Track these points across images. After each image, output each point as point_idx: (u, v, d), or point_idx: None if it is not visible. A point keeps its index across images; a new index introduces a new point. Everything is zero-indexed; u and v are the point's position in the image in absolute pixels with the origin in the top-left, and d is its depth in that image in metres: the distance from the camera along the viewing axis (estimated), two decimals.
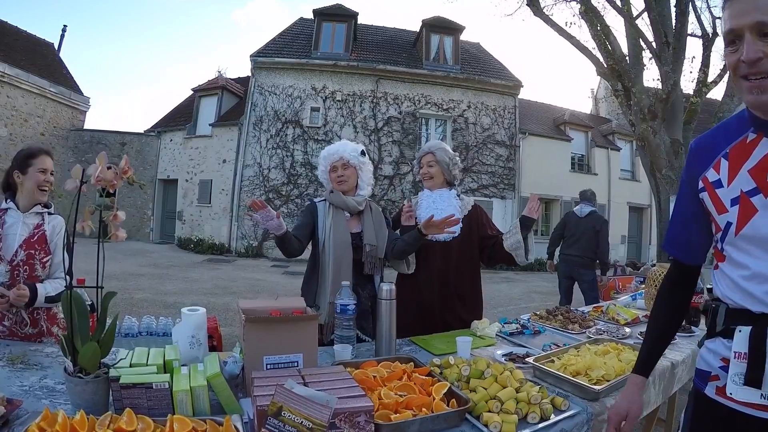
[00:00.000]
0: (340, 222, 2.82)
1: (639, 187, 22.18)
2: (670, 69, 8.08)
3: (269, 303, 1.92)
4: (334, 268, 2.72)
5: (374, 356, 2.22)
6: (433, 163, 3.14)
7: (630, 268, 9.44)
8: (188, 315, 1.92)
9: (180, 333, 1.90)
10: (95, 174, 1.49)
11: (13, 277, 2.40)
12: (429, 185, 3.17)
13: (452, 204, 3.10)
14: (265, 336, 1.65)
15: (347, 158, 2.87)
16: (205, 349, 1.93)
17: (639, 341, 2.71)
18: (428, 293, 2.97)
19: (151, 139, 20.59)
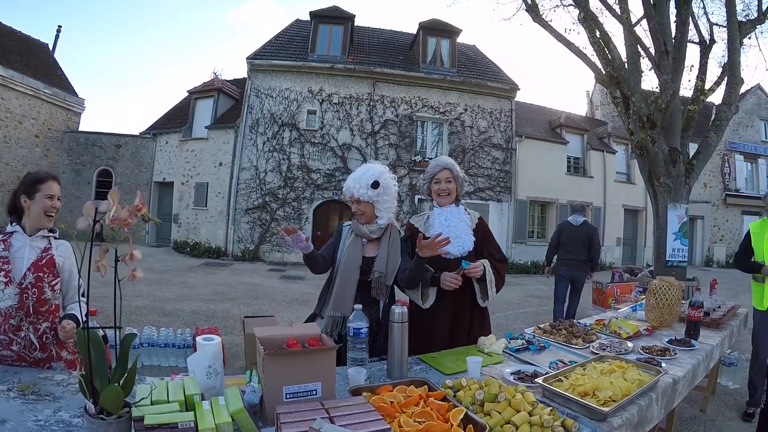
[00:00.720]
0: (355, 246, 2.97)
1: (634, 190, 22.33)
2: (669, 78, 8.10)
3: (285, 331, 1.92)
4: (339, 286, 2.88)
5: (386, 377, 2.27)
6: (452, 179, 3.14)
7: (627, 275, 9.48)
8: (204, 345, 1.92)
9: (196, 363, 1.91)
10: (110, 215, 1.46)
11: (22, 300, 2.38)
12: (444, 202, 3.15)
13: (463, 220, 3.13)
14: (285, 367, 1.67)
15: (356, 196, 2.94)
16: (221, 378, 1.92)
17: (641, 356, 2.76)
18: (442, 309, 2.99)
19: (146, 142, 20.50)
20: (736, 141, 24.24)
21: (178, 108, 21.71)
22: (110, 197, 1.53)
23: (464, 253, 3.03)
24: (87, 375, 1.45)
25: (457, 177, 3.15)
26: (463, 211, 3.19)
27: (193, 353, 1.95)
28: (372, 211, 2.97)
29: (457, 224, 3.09)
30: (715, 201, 24.10)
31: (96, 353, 1.48)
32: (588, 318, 3.98)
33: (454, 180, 3.14)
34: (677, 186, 8.30)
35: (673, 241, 8.30)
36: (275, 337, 1.84)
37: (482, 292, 3.01)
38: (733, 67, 8.84)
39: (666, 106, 8.00)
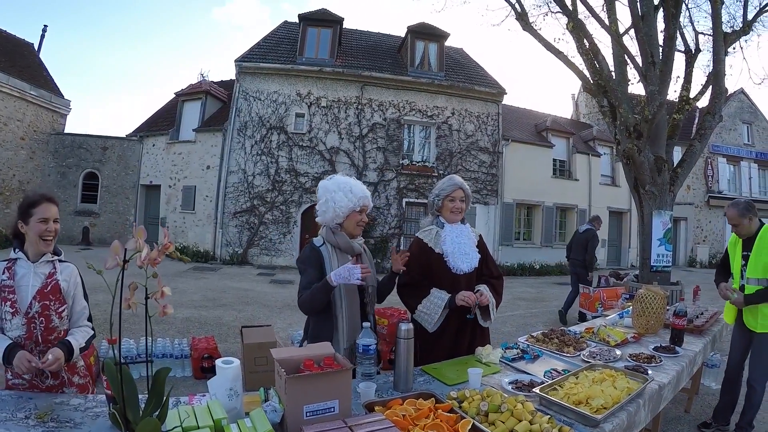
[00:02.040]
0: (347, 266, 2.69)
1: (619, 192, 22.67)
2: (656, 89, 8.29)
3: (300, 351, 2.05)
4: (349, 313, 2.73)
5: (392, 389, 2.41)
6: (465, 198, 3.30)
7: (614, 279, 9.69)
8: (224, 368, 2.02)
9: (218, 386, 2.01)
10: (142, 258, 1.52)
11: (30, 330, 2.35)
12: (456, 219, 3.28)
13: (470, 238, 3.30)
14: (305, 388, 1.78)
15: (370, 207, 2.94)
16: (241, 399, 2.02)
17: (629, 364, 2.92)
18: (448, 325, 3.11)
19: (133, 144, 20.37)
20: (719, 144, 24.75)
21: (165, 110, 21.60)
22: (137, 234, 1.58)
23: (471, 268, 3.20)
24: (120, 407, 1.54)
25: (468, 197, 3.32)
26: (470, 230, 3.35)
27: (214, 377, 2.03)
28: None
29: (466, 242, 3.25)
30: (698, 203, 24.57)
31: (126, 386, 1.56)
32: (578, 326, 4.13)
33: (465, 200, 3.31)
34: (662, 193, 8.52)
35: (658, 246, 8.52)
36: (292, 358, 1.96)
37: (483, 315, 3.17)
38: (718, 78, 9.03)
39: (652, 117, 8.20)
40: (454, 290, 3.09)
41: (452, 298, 3.02)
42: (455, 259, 3.17)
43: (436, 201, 3.32)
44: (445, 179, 3.33)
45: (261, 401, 2.12)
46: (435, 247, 3.21)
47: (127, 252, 1.56)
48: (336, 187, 2.83)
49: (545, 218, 20.71)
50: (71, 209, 19.44)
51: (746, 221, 3.97)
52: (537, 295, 13.44)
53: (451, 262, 3.17)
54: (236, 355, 5.95)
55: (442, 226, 3.29)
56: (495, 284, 3.30)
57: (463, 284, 3.15)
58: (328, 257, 2.77)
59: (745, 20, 9.69)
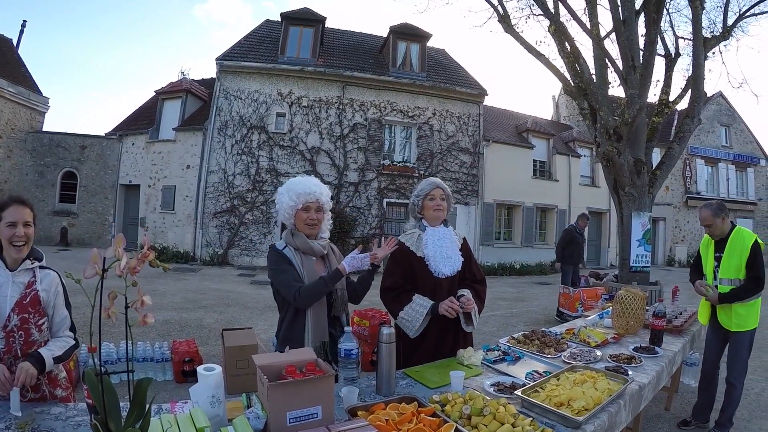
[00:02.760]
0: (311, 269, 2.75)
1: (598, 193, 22.95)
2: (636, 93, 8.40)
3: (282, 357, 2.03)
4: (314, 315, 2.68)
5: (375, 393, 2.40)
6: (445, 197, 3.25)
7: (593, 279, 9.80)
8: (206, 375, 1.98)
9: (199, 393, 1.97)
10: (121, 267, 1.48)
11: (9, 344, 2.23)
12: (438, 217, 3.23)
13: (453, 240, 3.24)
14: (288, 395, 1.77)
15: (323, 202, 2.82)
16: (224, 406, 2.00)
17: (609, 364, 2.95)
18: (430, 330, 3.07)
19: (112, 143, 19.98)
20: (697, 146, 25.20)
21: (145, 108, 21.21)
22: (116, 244, 1.51)
23: (454, 272, 3.16)
24: (102, 419, 1.51)
25: (448, 196, 3.27)
26: (452, 232, 3.29)
27: (196, 384, 2.01)
28: (320, 225, 2.87)
29: (449, 245, 3.19)
30: (676, 203, 25.02)
31: (108, 396, 1.53)
32: (558, 326, 4.17)
33: (446, 199, 3.25)
34: (641, 195, 8.64)
35: (637, 247, 8.64)
36: (274, 364, 1.94)
37: (467, 320, 3.14)
38: (697, 82, 9.17)
39: (632, 120, 8.30)
40: (435, 294, 3.07)
41: (435, 305, 2.98)
42: (437, 263, 3.12)
43: (417, 202, 3.28)
44: (423, 181, 3.31)
45: (243, 407, 2.09)
46: (417, 250, 3.16)
47: (106, 261, 1.50)
48: (284, 189, 2.82)
49: (525, 218, 20.87)
50: (49, 209, 19.12)
51: (719, 221, 4.05)
52: (517, 294, 13.53)
53: (432, 266, 3.12)
54: (218, 357, 5.90)
55: (425, 229, 3.24)
56: (478, 289, 3.26)
57: (445, 288, 3.12)
58: (293, 259, 2.74)
59: (725, 26, 9.87)
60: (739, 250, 3.95)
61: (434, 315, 3.00)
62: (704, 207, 4.15)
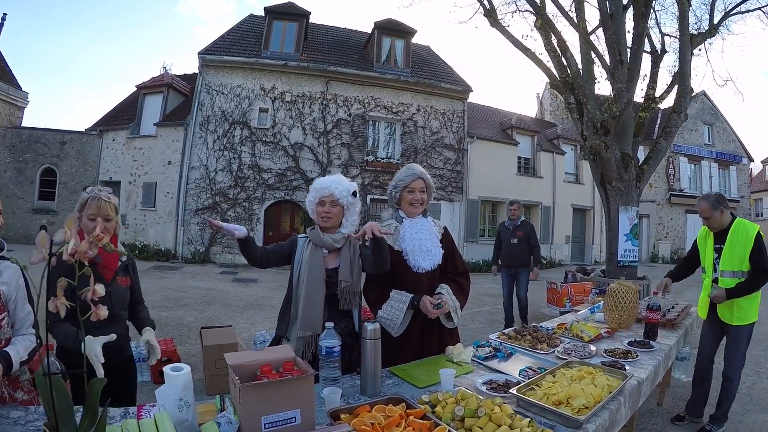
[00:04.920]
0: (315, 258, 2.77)
1: (582, 190, 23.02)
2: (624, 87, 8.33)
3: (258, 356, 1.85)
4: (305, 304, 2.68)
5: (359, 393, 2.23)
6: (425, 189, 3.07)
7: (581, 274, 9.71)
8: (173, 376, 1.81)
9: (166, 396, 1.79)
10: (69, 250, 1.32)
11: None
12: (415, 212, 3.06)
13: (432, 232, 3.06)
14: (263, 398, 1.59)
15: (337, 196, 2.82)
16: (193, 409, 1.83)
17: (606, 359, 2.84)
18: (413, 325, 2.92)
19: (92, 139, 19.56)
20: (680, 144, 25.36)
21: (126, 103, 20.78)
22: (67, 226, 1.37)
23: (434, 266, 2.99)
24: (53, 424, 1.34)
25: (429, 187, 3.10)
26: (432, 223, 3.11)
27: (162, 385, 1.84)
28: (338, 220, 2.87)
29: (428, 237, 3.01)
30: (660, 200, 25.17)
31: (59, 399, 1.36)
32: (549, 321, 4.04)
33: (427, 190, 3.08)
34: (628, 189, 8.57)
35: (625, 242, 8.56)
36: (248, 363, 1.77)
37: (446, 317, 2.98)
38: (684, 77, 9.17)
39: (620, 114, 8.24)
40: (415, 289, 2.90)
41: (416, 298, 2.83)
42: (416, 256, 2.95)
43: (395, 193, 3.09)
44: (403, 169, 3.11)
45: (216, 411, 1.92)
46: (394, 244, 2.97)
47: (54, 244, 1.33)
48: (312, 187, 2.94)
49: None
50: (28, 207, 18.72)
51: (717, 214, 3.93)
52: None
53: (411, 261, 2.95)
54: (197, 357, 5.70)
55: (402, 221, 3.06)
56: (461, 282, 3.09)
57: (426, 283, 2.96)
58: (301, 249, 2.84)
59: (711, 23, 9.92)
60: (743, 242, 3.83)
61: (417, 309, 2.85)
62: (702, 199, 4.03)
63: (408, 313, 2.85)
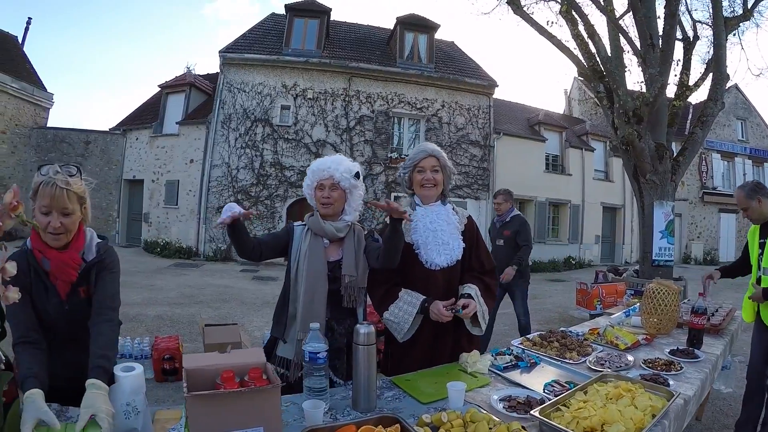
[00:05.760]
0: (316, 249, 2.45)
1: (612, 188, 22.34)
2: (657, 72, 7.86)
3: (220, 360, 1.55)
4: (305, 301, 2.35)
5: (350, 407, 1.89)
6: (439, 168, 2.64)
7: (612, 274, 9.20)
8: (122, 377, 1.52)
9: (112, 400, 1.51)
10: None
11: None
12: (429, 195, 2.66)
13: (451, 222, 2.66)
14: (214, 410, 1.28)
15: (337, 179, 2.48)
16: (145, 417, 1.52)
17: (645, 372, 2.44)
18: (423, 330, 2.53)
19: (116, 138, 19.74)
20: (713, 140, 24.37)
21: (149, 103, 20.96)
22: None
23: (451, 262, 2.59)
24: None
25: (444, 167, 2.66)
26: (451, 211, 2.70)
27: (112, 386, 1.55)
28: (341, 205, 2.53)
29: (444, 228, 2.61)
30: (692, 199, 24.22)
31: None
32: (580, 325, 3.64)
33: (441, 170, 2.65)
34: (663, 183, 8.06)
35: (660, 239, 8.04)
36: (208, 368, 1.46)
37: (473, 321, 2.57)
38: (719, 63, 8.69)
39: (654, 100, 7.76)
40: (429, 290, 2.52)
41: (426, 302, 2.45)
42: (428, 250, 2.57)
43: (404, 175, 2.71)
44: (415, 147, 2.72)
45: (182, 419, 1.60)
46: (405, 235, 2.56)
47: None
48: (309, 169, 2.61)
49: (538, 214, 20.25)
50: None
51: (755, 204, 3.49)
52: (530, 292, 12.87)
53: (423, 255, 2.57)
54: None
55: (415, 208, 2.68)
56: (488, 282, 2.66)
57: (441, 282, 2.56)
58: (300, 236, 2.51)
59: (745, 6, 9.40)
60: None
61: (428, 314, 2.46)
62: (738, 188, 3.61)
63: (417, 317, 2.47)
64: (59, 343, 1.85)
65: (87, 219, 2.06)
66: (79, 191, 1.95)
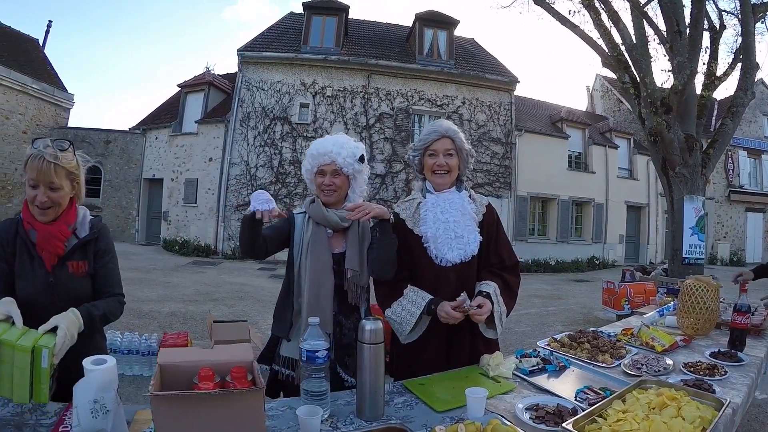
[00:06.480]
0: (319, 240, 2.22)
1: (637, 186, 21.82)
2: (685, 59, 7.53)
3: (201, 356, 1.36)
4: (310, 296, 2.15)
5: (355, 415, 1.66)
6: (453, 151, 2.32)
7: (640, 273, 8.84)
8: (91, 371, 1.33)
9: (80, 395, 1.32)
10: None
11: None
12: (442, 183, 2.35)
13: (467, 211, 2.34)
14: (182, 414, 1.08)
15: (340, 165, 2.25)
16: (115, 416, 1.33)
17: (687, 377, 2.17)
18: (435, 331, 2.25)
19: (135, 137, 19.96)
20: (739, 137, 23.51)
21: (169, 103, 21.16)
22: None
23: (466, 257, 2.28)
24: None
25: (460, 149, 2.34)
26: (467, 199, 2.38)
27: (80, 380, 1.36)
28: (344, 192, 2.30)
29: (458, 218, 2.29)
30: (718, 197, 23.50)
31: None
32: (610, 326, 3.37)
33: (456, 153, 2.33)
34: (694, 176, 7.73)
35: (690, 236, 7.69)
36: (184, 365, 1.27)
37: (487, 323, 2.26)
38: (748, 51, 8.34)
39: (683, 88, 7.43)
40: (439, 288, 2.23)
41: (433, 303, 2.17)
42: (439, 244, 2.26)
43: (414, 158, 2.41)
44: (427, 126, 2.44)
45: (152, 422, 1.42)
46: (414, 226, 2.32)
47: None
48: (307, 153, 2.37)
49: (561, 213, 19.84)
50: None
51: None
52: (553, 292, 12.60)
53: (433, 250, 2.27)
54: None
55: (426, 195, 2.38)
56: (508, 280, 2.34)
57: (453, 280, 2.25)
58: (301, 226, 2.28)
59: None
60: None
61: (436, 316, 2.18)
62: None
63: (424, 319, 2.21)
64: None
65: (80, 195, 2.03)
66: (69, 166, 1.91)
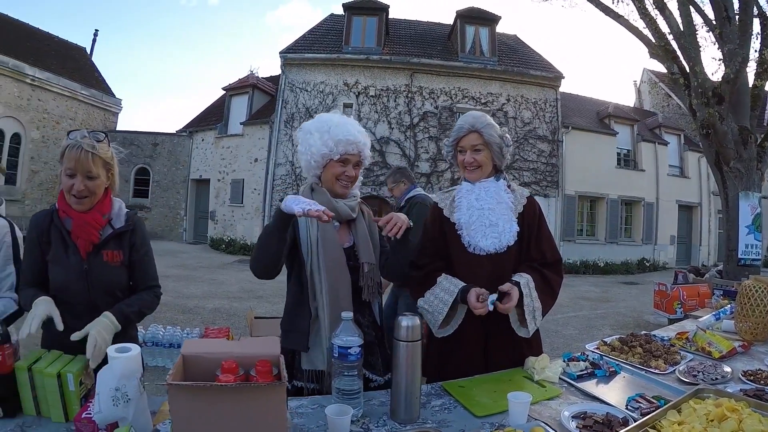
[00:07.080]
0: (329, 234, 2.01)
1: (688, 184, 20.95)
2: (736, 45, 7.15)
3: (226, 347, 1.31)
4: (330, 298, 1.93)
5: (389, 416, 1.59)
6: (481, 146, 2.19)
7: (693, 275, 8.44)
8: (115, 358, 1.30)
9: (103, 383, 1.30)
10: None
11: None
12: (473, 177, 2.24)
13: (503, 200, 2.21)
14: (201, 407, 1.04)
15: (365, 156, 2.09)
16: (137, 405, 1.29)
17: (747, 386, 2.00)
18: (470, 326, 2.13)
19: (182, 140, 20.61)
20: None
21: (214, 106, 21.75)
22: None
23: (501, 247, 2.16)
24: None
25: (490, 143, 2.18)
26: (504, 188, 2.24)
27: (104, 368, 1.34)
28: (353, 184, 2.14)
29: (494, 206, 2.17)
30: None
31: None
32: (663, 329, 3.19)
33: (486, 147, 2.19)
34: (749, 171, 7.30)
35: (746, 235, 7.26)
36: (208, 356, 1.22)
37: (519, 320, 2.13)
38: None
39: (735, 77, 7.05)
40: (472, 278, 2.09)
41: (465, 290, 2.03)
42: (472, 232, 2.16)
43: (448, 155, 2.34)
44: (460, 118, 2.28)
45: None
46: (450, 214, 2.23)
47: None
48: (314, 128, 2.07)
49: (610, 212, 19.25)
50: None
51: None
52: (602, 295, 12.23)
53: (465, 237, 2.17)
54: None
55: (462, 183, 2.31)
56: (547, 276, 2.18)
57: (488, 270, 2.13)
58: (304, 222, 2.01)
59: None
60: None
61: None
62: None
63: (461, 309, 2.09)
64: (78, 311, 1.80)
65: (114, 186, 2.05)
66: (106, 156, 1.94)
